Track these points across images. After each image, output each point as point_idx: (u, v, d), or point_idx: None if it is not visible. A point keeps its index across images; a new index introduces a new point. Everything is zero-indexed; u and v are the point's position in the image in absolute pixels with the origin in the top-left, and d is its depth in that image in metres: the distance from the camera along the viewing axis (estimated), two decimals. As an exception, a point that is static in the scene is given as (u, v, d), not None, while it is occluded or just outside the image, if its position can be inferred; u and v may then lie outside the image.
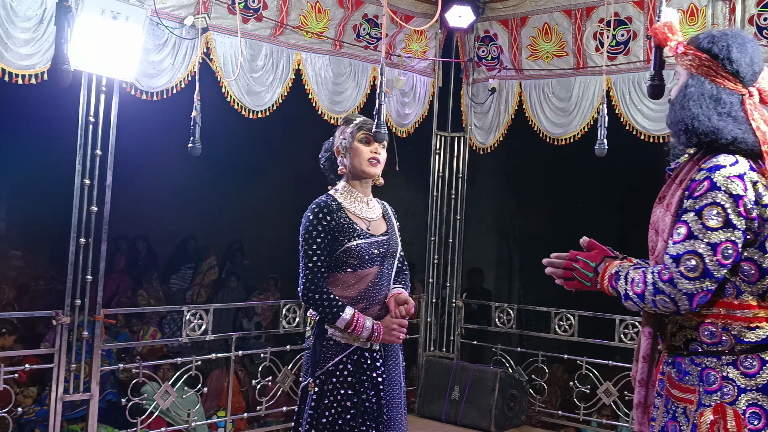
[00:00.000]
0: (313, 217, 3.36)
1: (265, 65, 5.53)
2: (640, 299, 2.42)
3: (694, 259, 2.31)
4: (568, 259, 2.68)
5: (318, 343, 3.38)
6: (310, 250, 3.34)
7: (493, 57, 6.70)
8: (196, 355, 5.64)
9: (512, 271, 11.18)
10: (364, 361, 3.37)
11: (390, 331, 3.41)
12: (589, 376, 6.19)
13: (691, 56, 2.51)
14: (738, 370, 2.36)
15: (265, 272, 10.00)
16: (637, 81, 5.85)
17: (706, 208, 2.32)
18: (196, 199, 10.20)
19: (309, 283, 3.33)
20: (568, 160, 8.12)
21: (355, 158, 3.49)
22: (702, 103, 2.45)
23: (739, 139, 2.39)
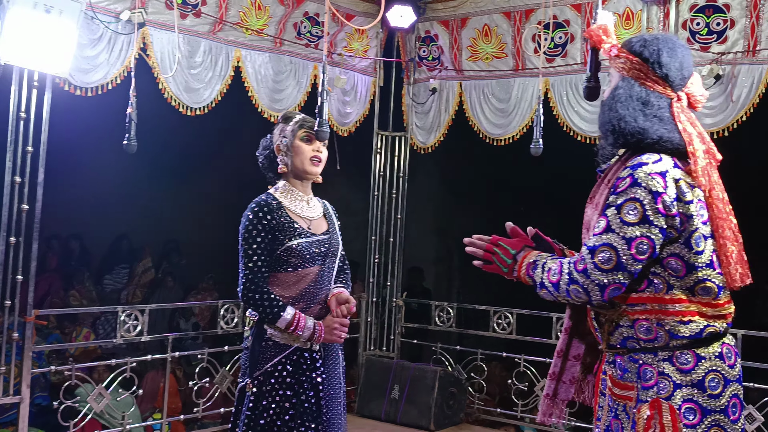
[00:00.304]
0: (252, 216, 3.33)
1: (204, 62, 5.47)
2: (555, 288, 2.47)
3: (609, 252, 2.37)
4: (490, 243, 2.69)
5: (257, 344, 3.35)
6: (249, 249, 3.31)
7: (434, 57, 6.74)
8: (131, 356, 5.55)
9: (452, 270, 11.27)
10: (304, 362, 3.36)
11: (332, 331, 3.40)
12: (527, 373, 6.27)
13: (623, 59, 2.57)
14: (673, 366, 2.42)
15: (203, 272, 9.90)
16: (574, 83, 5.94)
17: (626, 203, 2.38)
18: (132, 198, 10.04)
19: (249, 283, 3.30)
20: (508, 160, 8.20)
21: (297, 157, 3.47)
22: (629, 105, 2.50)
23: (665, 138, 2.45)
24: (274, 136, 3.57)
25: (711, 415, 2.39)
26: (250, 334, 3.41)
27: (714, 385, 2.40)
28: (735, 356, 2.47)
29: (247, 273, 3.31)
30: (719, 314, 2.44)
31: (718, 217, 2.44)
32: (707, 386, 2.39)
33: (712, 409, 2.39)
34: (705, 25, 5.33)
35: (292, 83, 6.08)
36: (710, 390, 2.39)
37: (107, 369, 5.87)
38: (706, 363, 2.41)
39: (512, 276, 2.63)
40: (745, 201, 4.74)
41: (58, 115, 4.78)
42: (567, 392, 2.79)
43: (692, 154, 2.43)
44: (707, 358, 2.41)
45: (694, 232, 2.40)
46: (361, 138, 6.87)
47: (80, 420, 5.07)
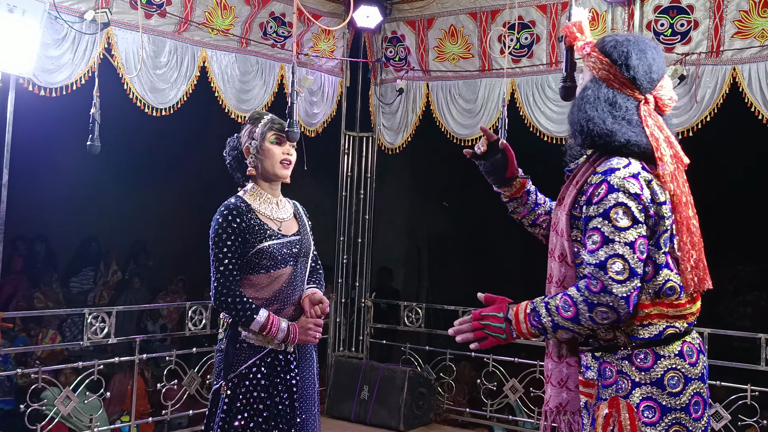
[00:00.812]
0: (222, 220, 3.31)
1: (169, 62, 5.43)
2: (575, 322, 2.39)
3: (619, 262, 2.33)
4: (474, 320, 2.56)
5: (231, 346, 3.33)
6: (220, 253, 3.30)
7: (401, 58, 6.75)
8: (98, 358, 5.50)
9: (421, 271, 11.28)
10: (278, 364, 3.35)
11: (306, 331, 3.40)
12: (496, 373, 6.30)
13: (594, 58, 2.57)
14: (633, 365, 2.43)
15: (170, 273, 9.83)
16: (540, 83, 5.98)
17: (612, 209, 2.36)
18: (97, 199, 9.94)
19: (221, 287, 3.29)
20: (475, 160, 8.23)
21: (267, 160, 3.45)
22: (597, 107, 2.50)
23: (633, 141, 2.46)
24: (242, 138, 3.54)
25: (671, 414, 2.39)
26: (224, 336, 3.39)
27: (674, 383, 2.40)
28: (697, 354, 2.47)
29: (219, 277, 3.30)
30: (680, 314, 2.45)
31: (680, 221, 2.46)
32: (666, 384, 2.40)
33: (672, 407, 2.39)
34: (669, 26, 5.39)
35: (258, 83, 6.06)
36: (670, 388, 2.40)
37: (74, 372, 5.82)
38: (665, 362, 2.42)
39: (513, 338, 2.53)
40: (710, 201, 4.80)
41: (22, 115, 4.72)
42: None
43: (660, 159, 2.44)
44: (666, 356, 2.42)
45: (664, 233, 2.42)
46: (328, 138, 6.86)
47: (47, 423, 5.02)
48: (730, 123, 5.49)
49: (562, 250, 2.54)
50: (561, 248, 2.54)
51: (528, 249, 12.00)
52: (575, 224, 2.50)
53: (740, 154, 8.30)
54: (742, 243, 8.91)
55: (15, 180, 4.65)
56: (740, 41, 5.19)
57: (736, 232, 8.71)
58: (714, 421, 5.23)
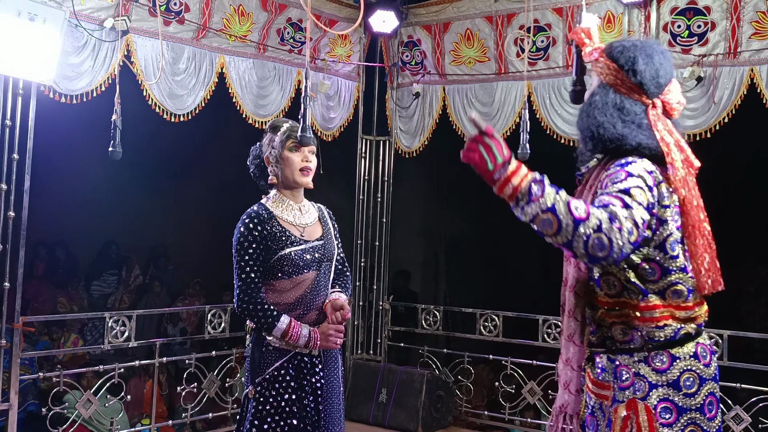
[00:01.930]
0: (244, 229, 3.35)
1: (188, 68, 5.46)
2: (574, 223, 2.13)
3: (640, 193, 2.28)
4: (481, 134, 2.30)
5: (257, 350, 3.37)
6: (242, 261, 3.33)
7: (417, 62, 6.75)
8: (118, 362, 5.54)
9: (438, 273, 11.27)
10: (305, 366, 3.37)
11: (327, 337, 3.41)
12: (514, 375, 6.28)
13: (602, 64, 2.58)
14: (649, 367, 2.44)
15: (190, 277, 9.87)
16: (556, 86, 5.96)
17: (632, 188, 2.31)
18: (118, 204, 10.00)
19: (243, 294, 3.32)
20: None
21: (287, 168, 3.47)
22: (606, 111, 2.51)
23: (644, 144, 2.46)
24: (263, 146, 3.57)
25: (687, 414, 2.41)
26: (250, 341, 3.43)
27: (689, 384, 2.42)
28: (710, 355, 2.50)
29: (241, 284, 3.33)
30: (689, 317, 2.46)
31: (692, 225, 2.45)
32: (682, 385, 2.42)
33: (687, 407, 2.41)
34: (686, 27, 5.37)
35: (276, 89, 6.08)
36: (685, 389, 2.42)
37: (95, 375, 5.86)
38: (680, 363, 2.43)
39: (493, 176, 2.22)
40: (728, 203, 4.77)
41: (43, 122, 4.76)
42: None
43: (671, 164, 2.45)
44: (682, 358, 2.44)
45: (669, 237, 2.42)
46: (345, 142, 6.87)
47: (69, 426, 5.05)
48: (748, 124, 5.46)
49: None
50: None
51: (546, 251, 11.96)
52: None
53: (759, 155, 8.24)
54: (762, 245, 8.84)
55: (36, 186, 4.70)
56: (758, 42, 5.16)
57: (755, 234, 8.65)
58: (735, 423, 5.19)
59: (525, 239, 11.07)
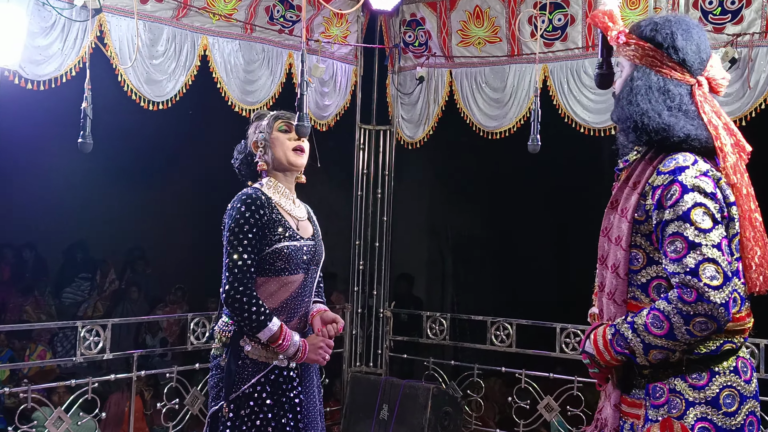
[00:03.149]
0: (244, 209, 3.29)
1: (167, 51, 5.44)
2: (670, 338, 2.36)
3: (711, 266, 2.31)
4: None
5: (233, 362, 3.32)
6: (239, 245, 3.26)
7: (421, 43, 6.74)
8: (92, 376, 5.52)
9: (445, 277, 11.27)
10: (283, 381, 3.34)
11: (316, 350, 3.39)
12: (529, 390, 6.26)
13: (633, 46, 2.56)
14: (686, 383, 2.41)
15: (171, 282, 9.87)
16: (575, 69, 5.94)
17: (692, 211, 2.35)
18: (91, 202, 9.99)
19: (235, 283, 3.24)
20: (504, 155, 8.20)
21: (278, 149, 3.46)
22: (651, 98, 2.49)
23: (692, 136, 2.45)
24: (248, 137, 3.56)
25: None
26: (224, 352, 3.37)
27: (729, 402, 2.39)
28: (751, 371, 2.48)
29: (235, 272, 3.25)
30: (739, 329, 2.44)
31: (743, 217, 2.45)
32: (722, 403, 2.39)
33: (727, 428, 2.39)
34: (718, 3, 5.34)
35: (265, 73, 6.06)
36: (725, 407, 2.39)
37: (67, 390, 5.84)
38: (720, 378, 2.40)
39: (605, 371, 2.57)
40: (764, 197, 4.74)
41: (7, 111, 4.76)
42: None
43: (720, 149, 2.44)
44: (721, 373, 2.41)
45: (734, 237, 2.42)
46: (341, 132, 6.86)
47: (37, 447, 5.04)
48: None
49: (615, 260, 2.54)
50: (614, 258, 2.54)
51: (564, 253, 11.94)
52: (637, 229, 2.48)
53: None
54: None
55: (0, 181, 4.68)
56: (798, 19, 5.14)
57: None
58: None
59: (541, 239, 11.07)
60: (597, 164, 10.09)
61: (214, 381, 3.40)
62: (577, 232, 10.83)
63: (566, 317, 5.99)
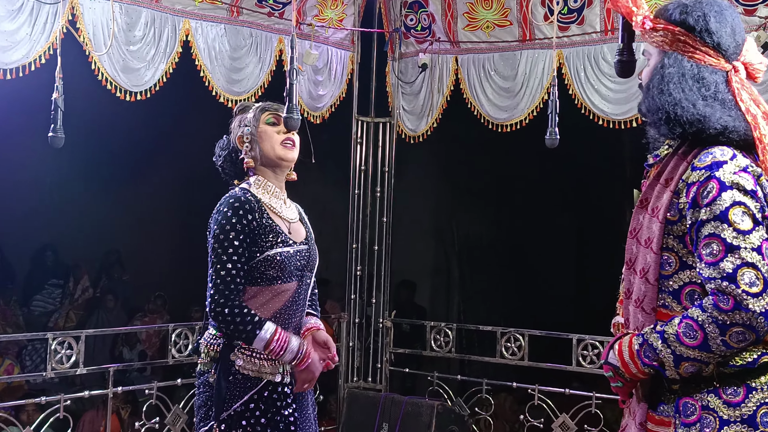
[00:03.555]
0: (231, 214, 3.29)
1: (146, 36, 5.44)
2: (703, 350, 2.35)
3: (750, 271, 2.30)
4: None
5: (223, 379, 3.32)
6: (224, 254, 3.27)
7: (424, 27, 6.73)
8: (64, 393, 5.52)
9: (451, 284, 11.27)
10: (277, 398, 3.35)
11: (315, 364, 3.42)
12: (543, 407, 6.26)
13: (661, 31, 2.55)
14: (720, 399, 2.41)
15: (151, 289, 9.87)
16: (593, 55, 5.94)
17: (730, 210, 2.34)
18: (62, 201, 9.99)
19: (218, 296, 3.25)
20: (515, 149, 8.21)
21: (265, 143, 3.45)
22: (684, 86, 2.48)
23: (730, 127, 2.44)
24: (232, 131, 3.56)
25: None
26: (212, 367, 3.38)
27: (767, 420, 2.39)
28: None
29: (219, 283, 3.26)
30: None
31: None
32: (759, 422, 2.38)
33: None
34: (750, -17, 5.35)
35: (253, 60, 6.06)
36: (763, 426, 2.38)
37: (37, 408, 5.85)
38: (758, 395, 2.39)
39: (629, 384, 2.56)
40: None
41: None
42: None
43: (759, 140, 2.44)
44: (759, 389, 2.40)
45: None
46: (337, 125, 6.86)
47: (3, 471, 5.04)
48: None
49: (645, 264, 2.53)
50: (644, 261, 2.54)
51: (581, 257, 11.93)
52: (670, 230, 2.49)
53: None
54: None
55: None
56: (839, 0, 5.15)
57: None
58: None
59: (557, 242, 11.06)
60: (618, 160, 10.08)
61: (202, 400, 3.40)
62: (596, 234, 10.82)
63: (584, 328, 5.99)
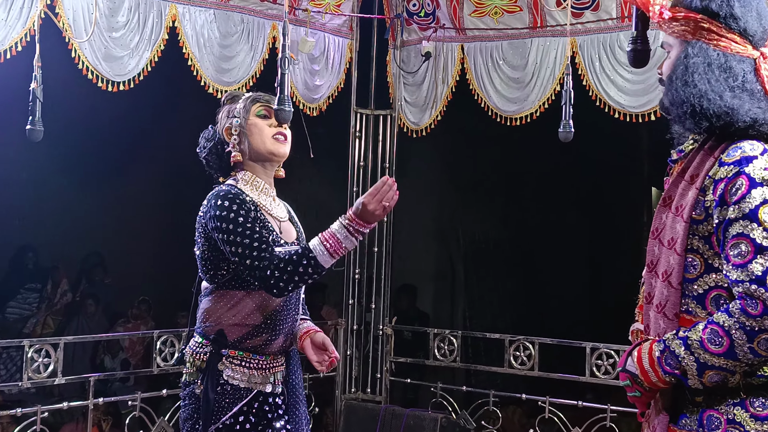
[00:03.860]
0: (228, 204, 3.27)
1: (129, 22, 5.44)
2: (730, 357, 2.34)
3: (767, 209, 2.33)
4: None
5: (211, 390, 3.32)
6: (244, 231, 3.23)
7: (428, 13, 6.73)
8: (41, 404, 5.52)
9: (455, 288, 11.27)
10: (269, 410, 3.35)
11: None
12: (554, 420, 6.27)
13: (682, 20, 2.55)
14: (747, 412, 2.40)
15: (134, 294, 9.87)
16: (609, 44, 5.94)
17: (760, 209, 2.34)
18: (39, 199, 10.00)
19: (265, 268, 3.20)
20: (525, 144, 8.22)
21: (256, 137, 3.44)
22: (710, 77, 2.48)
23: (760, 120, 2.45)
24: (219, 122, 3.54)
25: None
26: (198, 377, 3.37)
27: None
28: None
29: (256, 255, 3.21)
30: None
31: None
32: None
33: None
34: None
35: (244, 48, 6.06)
36: None
37: (12, 420, 5.85)
38: None
39: (648, 394, 2.55)
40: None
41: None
42: None
43: None
44: None
45: None
46: (334, 118, 6.87)
47: (-24, 487, 5.05)
48: None
49: (668, 266, 2.53)
50: (666, 264, 2.54)
51: (595, 260, 11.92)
52: (695, 230, 2.50)
53: None
54: None
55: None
56: None
57: None
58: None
59: (570, 244, 11.06)
60: (635, 155, 10.08)
61: (188, 412, 3.40)
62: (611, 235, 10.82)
63: (598, 335, 6.00)
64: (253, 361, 3.34)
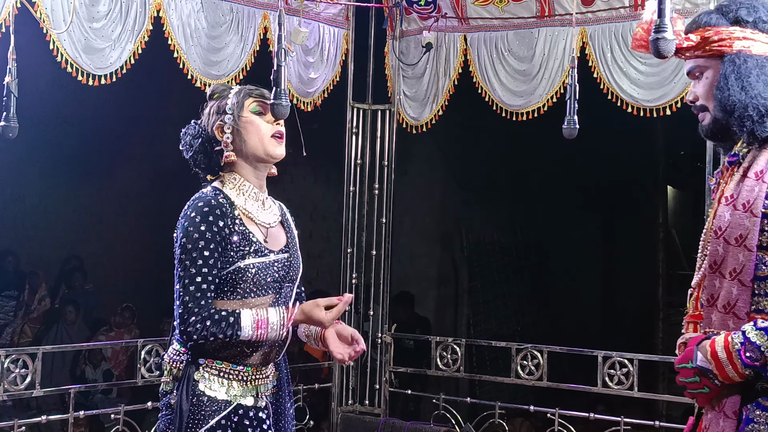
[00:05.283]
0: (199, 220, 3.24)
1: (111, 11, 5.44)
2: None
3: None
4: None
5: (185, 401, 3.31)
6: (193, 266, 3.22)
7: (428, 1, 6.73)
8: (18, 417, 5.52)
9: (459, 294, 11.28)
10: (249, 424, 3.34)
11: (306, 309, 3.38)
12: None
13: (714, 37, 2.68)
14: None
15: (117, 300, 9.88)
16: (621, 34, 5.94)
17: None
18: (15, 201, 10.01)
19: (188, 314, 3.21)
20: (532, 141, 8.22)
21: (253, 136, 3.39)
22: (765, 78, 2.64)
23: None
24: (206, 119, 3.49)
25: None
26: (173, 387, 3.37)
27: None
28: None
29: (188, 301, 3.22)
30: None
31: None
32: None
33: None
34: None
35: (233, 39, 6.06)
36: None
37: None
38: None
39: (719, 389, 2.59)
40: None
41: None
42: None
43: None
44: None
45: None
46: (330, 113, 6.86)
47: (-51, 507, 5.05)
48: None
49: (736, 264, 2.59)
50: (735, 262, 2.59)
51: (610, 263, 11.91)
52: (764, 227, 2.56)
53: None
54: None
55: None
56: None
57: None
58: None
59: (579, 245, 11.06)
60: (649, 152, 10.09)
61: (164, 424, 3.39)
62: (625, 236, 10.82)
63: (611, 343, 6.00)
64: (233, 372, 3.33)
